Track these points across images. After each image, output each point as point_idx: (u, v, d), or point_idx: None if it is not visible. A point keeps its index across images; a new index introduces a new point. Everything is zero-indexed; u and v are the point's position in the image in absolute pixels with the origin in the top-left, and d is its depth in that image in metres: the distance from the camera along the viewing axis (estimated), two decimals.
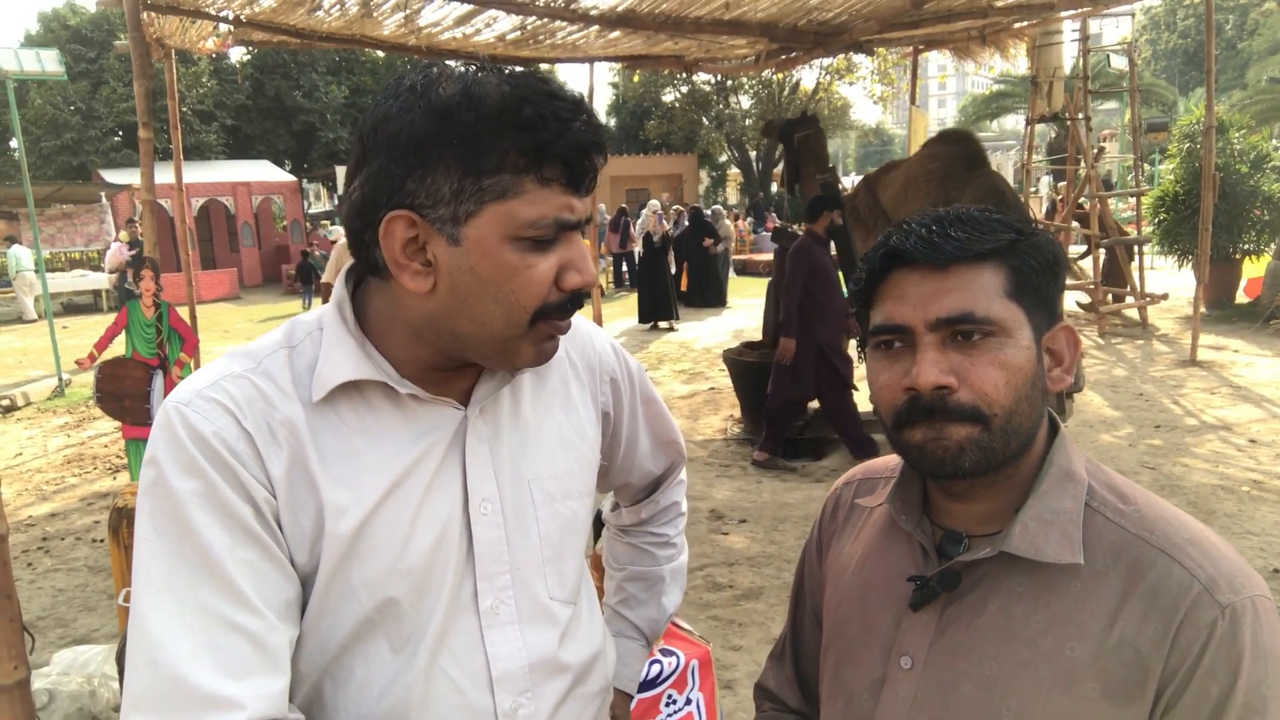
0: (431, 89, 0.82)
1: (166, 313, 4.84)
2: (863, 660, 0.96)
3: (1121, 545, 0.85)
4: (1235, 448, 5.58)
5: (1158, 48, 42.43)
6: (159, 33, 6.34)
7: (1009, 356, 0.84)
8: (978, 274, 0.85)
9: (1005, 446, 0.85)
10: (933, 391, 0.84)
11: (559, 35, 6.98)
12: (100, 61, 22.36)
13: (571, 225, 0.86)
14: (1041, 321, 0.88)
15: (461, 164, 0.81)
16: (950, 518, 0.94)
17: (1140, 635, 0.81)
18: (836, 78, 25.38)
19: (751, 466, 5.78)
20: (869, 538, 1.03)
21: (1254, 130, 11.06)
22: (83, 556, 4.65)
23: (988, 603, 0.88)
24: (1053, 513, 0.87)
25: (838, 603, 1.03)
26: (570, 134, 0.82)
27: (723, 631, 3.55)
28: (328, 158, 25.48)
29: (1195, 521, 0.88)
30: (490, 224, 0.83)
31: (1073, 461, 0.91)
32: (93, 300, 16.83)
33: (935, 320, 0.85)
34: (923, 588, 0.91)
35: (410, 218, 0.83)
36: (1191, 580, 0.81)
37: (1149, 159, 15.84)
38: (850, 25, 6.65)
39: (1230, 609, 0.79)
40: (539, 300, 0.86)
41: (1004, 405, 0.84)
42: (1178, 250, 10.38)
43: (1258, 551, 4.03)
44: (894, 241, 0.89)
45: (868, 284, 0.92)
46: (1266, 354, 8.05)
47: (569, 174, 0.84)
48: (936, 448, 0.86)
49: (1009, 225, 0.87)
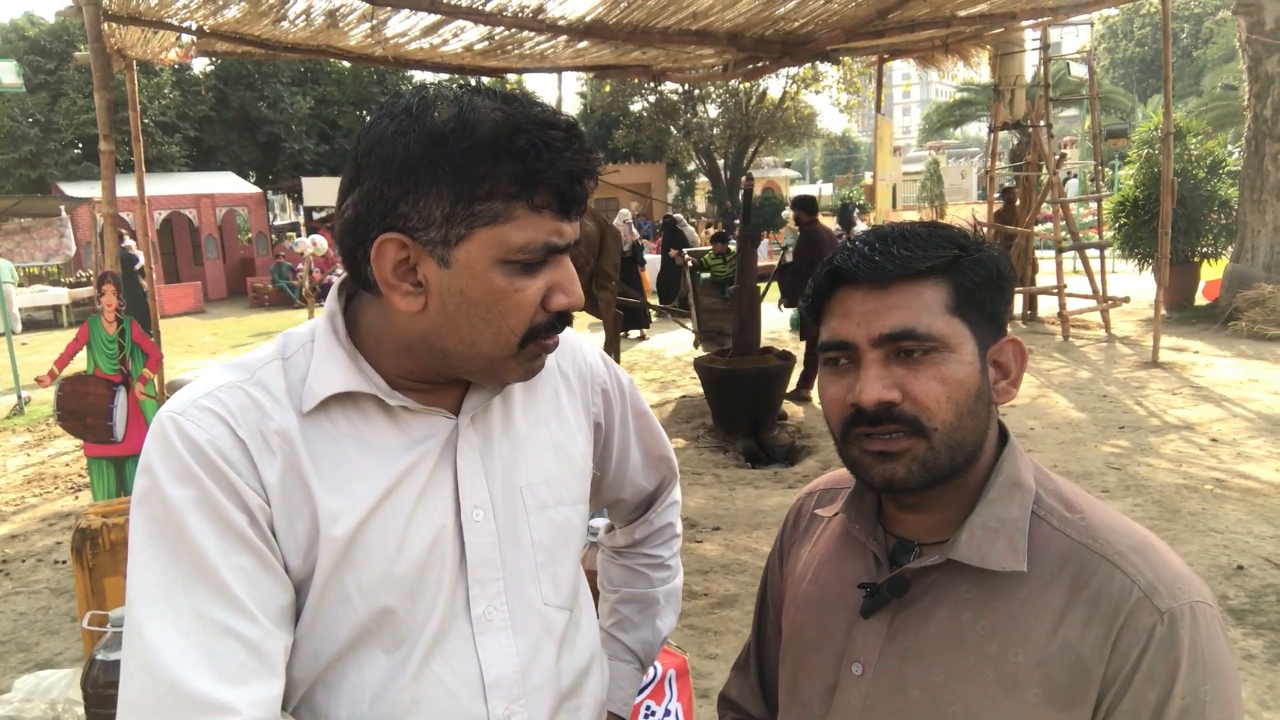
0: (427, 113, 0.83)
1: (129, 328, 4.76)
2: (816, 667, 0.98)
3: (1067, 553, 0.87)
4: (1198, 447, 5.68)
5: (1116, 56, 43.32)
6: (120, 44, 6.25)
7: (951, 372, 0.86)
8: (920, 291, 0.86)
9: (950, 460, 0.87)
10: (876, 406, 0.86)
11: (527, 45, 6.97)
12: (59, 73, 21.95)
13: (560, 249, 0.88)
14: (987, 335, 0.89)
15: (454, 189, 0.82)
16: (903, 526, 0.96)
17: (1082, 641, 0.83)
18: (803, 86, 25.60)
19: (724, 474, 5.79)
20: (825, 546, 1.05)
21: (1210, 136, 11.33)
22: (44, 579, 4.54)
23: (936, 609, 0.90)
24: (999, 521, 0.88)
25: (795, 610, 1.04)
26: (562, 162, 0.83)
27: (698, 640, 3.55)
28: (293, 169, 25.21)
29: (1140, 529, 0.90)
30: (481, 248, 0.84)
31: (1021, 470, 0.92)
32: (52, 316, 16.51)
33: (878, 336, 0.86)
34: (873, 594, 0.92)
35: (402, 240, 0.84)
36: (1132, 586, 0.83)
37: (1109, 165, 16.14)
38: (816, 35, 6.72)
39: (1169, 614, 0.81)
40: (526, 322, 0.88)
41: (945, 420, 0.86)
42: (1138, 254, 10.59)
43: (1222, 549, 4.10)
44: (838, 261, 0.90)
45: (814, 301, 0.93)
46: (1226, 355, 8.22)
47: (560, 201, 0.85)
48: (879, 462, 0.87)
49: (952, 241, 0.89)
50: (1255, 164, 9.90)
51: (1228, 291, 9.72)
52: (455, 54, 7.16)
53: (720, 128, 28.53)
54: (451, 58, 7.30)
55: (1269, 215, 9.75)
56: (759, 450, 6.28)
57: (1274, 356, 7.99)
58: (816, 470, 5.85)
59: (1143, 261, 10.56)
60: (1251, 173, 9.94)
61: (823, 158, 53.36)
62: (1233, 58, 28.56)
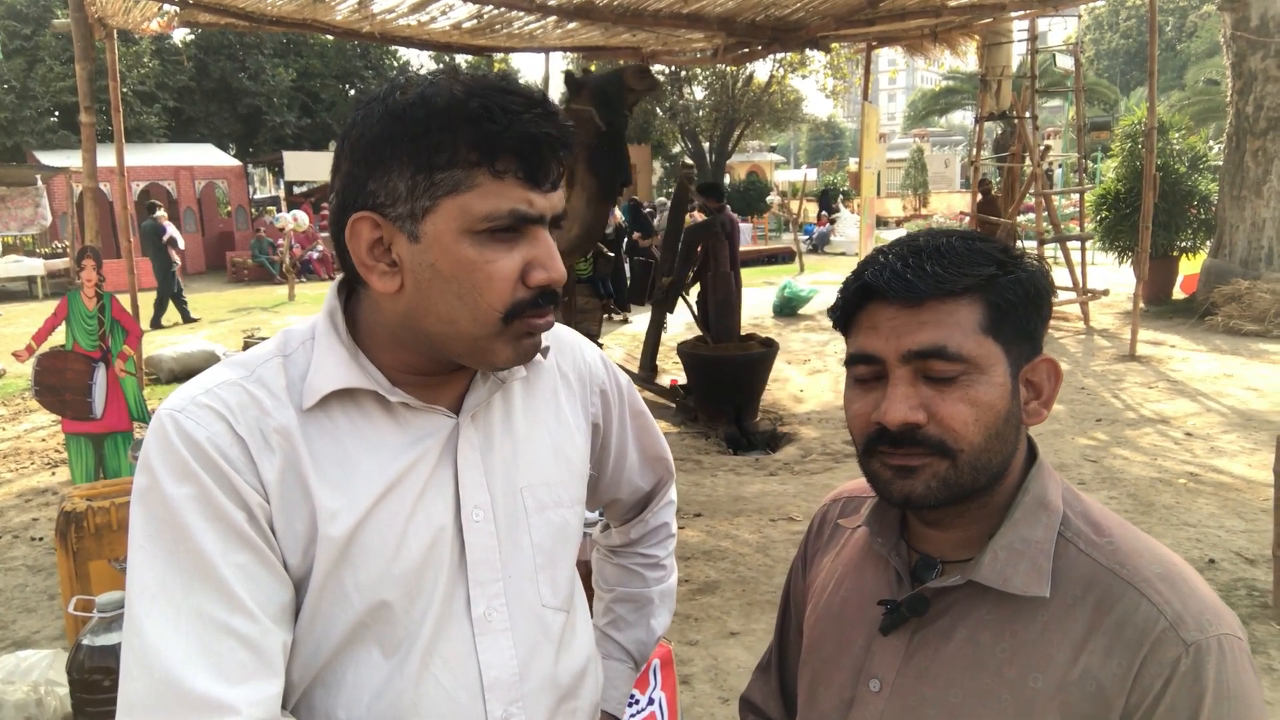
0: (391, 95, 0.85)
1: (109, 304, 4.70)
2: (834, 680, 0.97)
3: (1092, 577, 0.85)
4: (1173, 441, 5.76)
5: (1100, 47, 43.49)
6: (101, 12, 6.13)
7: (980, 394, 0.83)
8: (954, 309, 0.84)
9: (973, 482, 0.85)
10: (900, 426, 0.84)
11: (516, 25, 6.91)
12: (36, 39, 21.52)
13: (532, 219, 0.86)
14: (1021, 355, 0.87)
15: (414, 161, 0.83)
16: (926, 543, 0.95)
17: (1104, 669, 0.81)
18: (789, 71, 25.53)
19: (706, 460, 5.82)
20: (848, 558, 1.04)
21: (1192, 131, 11.42)
22: (20, 555, 4.50)
23: (956, 630, 0.88)
24: (1024, 542, 0.86)
25: (815, 620, 1.04)
26: (520, 124, 0.83)
27: (679, 626, 3.58)
28: (274, 142, 24.90)
29: (1171, 555, 0.88)
30: (446, 219, 0.84)
31: (1048, 491, 0.90)
32: (27, 287, 16.25)
33: (907, 353, 0.84)
34: (893, 612, 0.91)
35: (373, 218, 0.85)
36: (1158, 616, 0.80)
37: (1091, 157, 16.24)
38: (807, 22, 6.70)
39: (1195, 647, 0.79)
40: (505, 297, 0.87)
41: (972, 443, 0.83)
42: (1118, 247, 10.67)
43: (1194, 543, 4.17)
44: (868, 276, 0.87)
45: (843, 314, 0.91)
46: (1201, 349, 8.33)
47: (524, 166, 0.84)
48: (899, 477, 0.86)
49: (990, 258, 0.85)
50: (1236, 160, 10.00)
51: (1205, 286, 9.84)
52: (443, 31, 7.08)
53: (706, 110, 28.42)
54: (439, 35, 7.22)
55: (1248, 211, 9.86)
56: (741, 436, 6.31)
57: (1249, 352, 8.10)
58: (797, 457, 5.89)
59: (1122, 255, 10.65)
60: (1232, 168, 10.03)
61: (808, 143, 53.33)
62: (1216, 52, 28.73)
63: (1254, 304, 9.06)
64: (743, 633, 3.50)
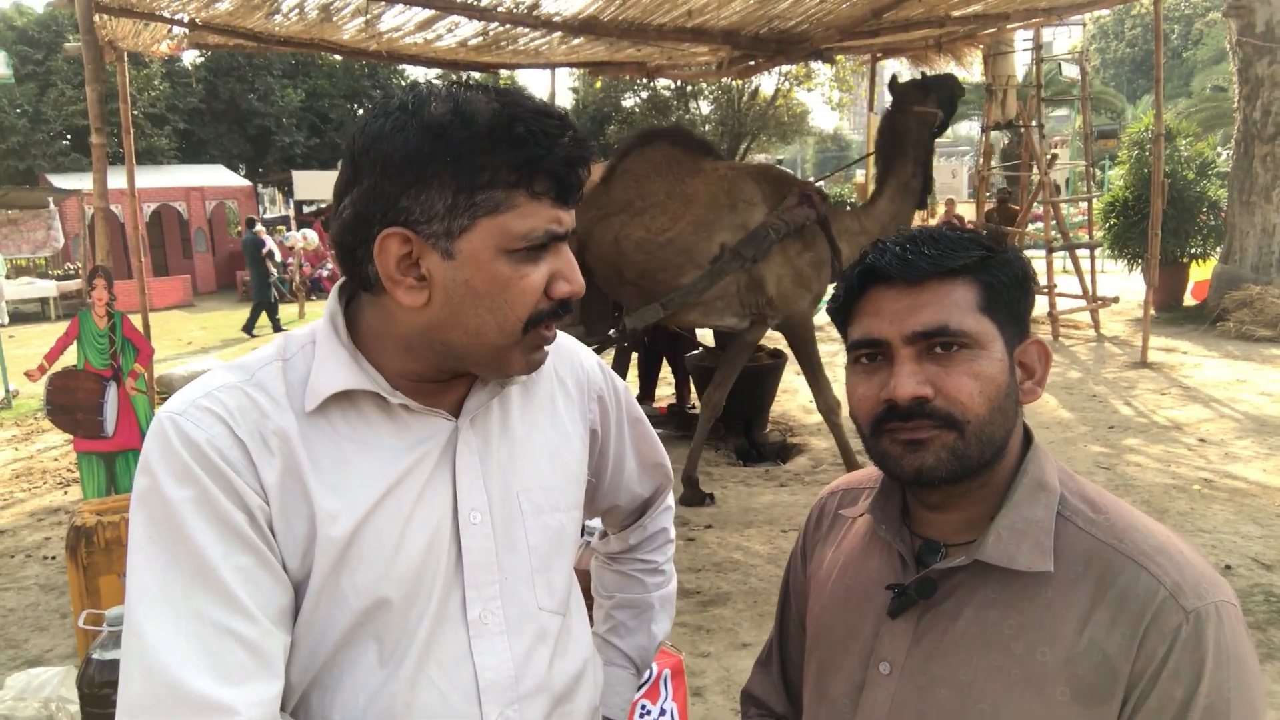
0: (423, 107, 0.85)
1: (120, 323, 4.72)
2: (843, 666, 0.99)
3: (1092, 553, 0.88)
4: (1186, 447, 5.72)
5: (1106, 56, 43.52)
6: (111, 35, 6.20)
7: (983, 368, 0.88)
8: (951, 289, 0.89)
9: (979, 454, 0.89)
10: (910, 401, 0.87)
11: (521, 41, 6.95)
12: (48, 63, 21.76)
13: (560, 236, 0.89)
14: (1013, 336, 0.91)
15: (456, 180, 0.84)
16: (928, 527, 0.97)
17: (1109, 640, 0.84)
18: (795, 84, 25.61)
19: (715, 471, 5.80)
20: (851, 547, 1.06)
21: (1200, 137, 11.39)
22: (33, 574, 4.52)
23: (963, 609, 0.91)
24: (1025, 522, 0.90)
25: (820, 610, 1.05)
26: (560, 149, 0.85)
27: (690, 638, 3.56)
28: (283, 162, 25.06)
29: (1165, 529, 0.92)
30: (484, 238, 0.86)
31: (1045, 471, 0.94)
32: (40, 308, 16.39)
33: (911, 334, 0.88)
34: (900, 595, 0.93)
35: (405, 234, 0.85)
36: (1158, 586, 0.84)
37: (1099, 165, 16.21)
38: (811, 34, 6.73)
39: (1195, 614, 0.83)
40: (530, 309, 0.89)
41: (978, 414, 0.87)
42: (1128, 254, 10.64)
43: (1209, 549, 4.13)
44: (870, 260, 0.92)
45: (845, 301, 0.95)
46: (1213, 355, 8.28)
47: (558, 188, 0.87)
48: (909, 451, 0.89)
49: (978, 243, 0.91)
50: (1244, 166, 9.96)
51: (1216, 292, 9.80)
52: (449, 49, 7.13)
53: (712, 124, 28.51)
54: (445, 53, 7.27)
55: (1257, 217, 9.82)
56: (750, 448, 6.29)
57: (1261, 357, 8.05)
58: (808, 468, 5.87)
59: (1132, 262, 10.62)
60: (1240, 174, 10.00)
61: (814, 155, 53.39)
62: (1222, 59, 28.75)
63: (1265, 309, 9.01)
64: (754, 644, 3.48)
